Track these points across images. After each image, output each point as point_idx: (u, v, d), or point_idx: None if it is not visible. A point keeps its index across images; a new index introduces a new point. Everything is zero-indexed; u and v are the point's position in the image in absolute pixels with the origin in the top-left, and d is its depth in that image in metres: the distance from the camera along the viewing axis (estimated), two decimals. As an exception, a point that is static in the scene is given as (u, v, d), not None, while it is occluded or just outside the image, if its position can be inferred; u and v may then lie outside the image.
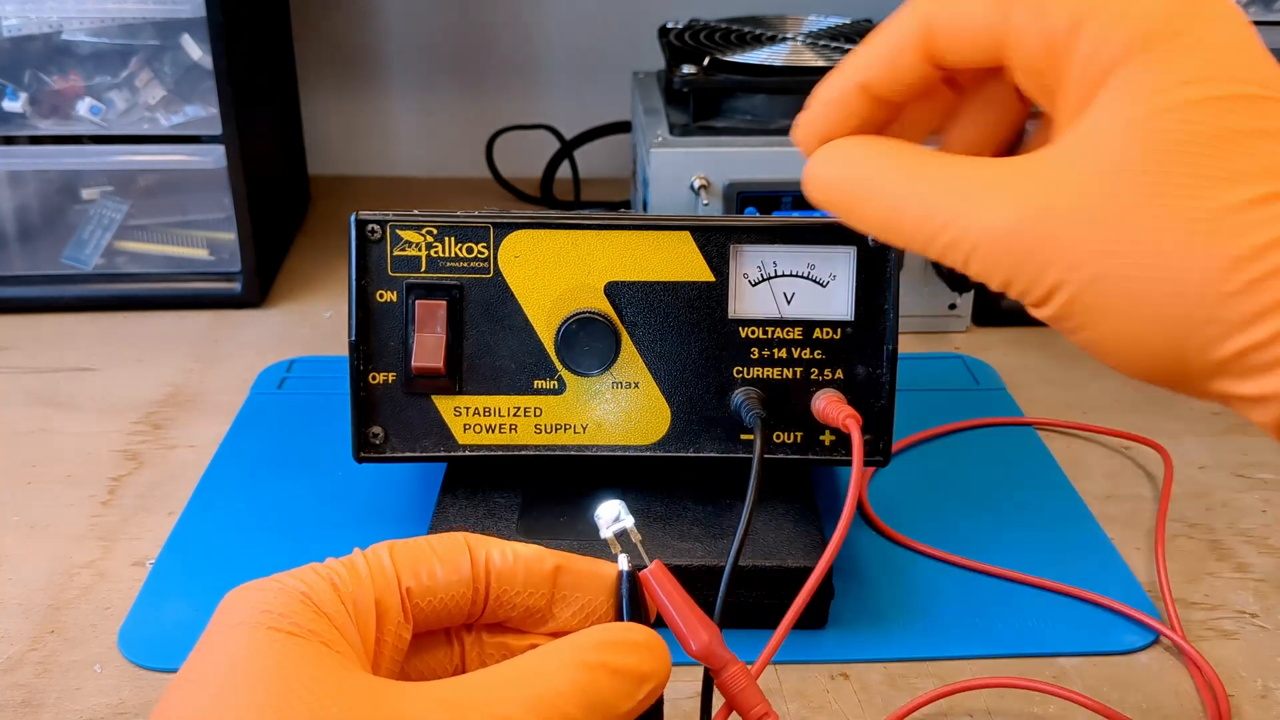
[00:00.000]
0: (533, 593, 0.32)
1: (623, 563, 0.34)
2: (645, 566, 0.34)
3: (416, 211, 0.53)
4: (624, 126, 1.01)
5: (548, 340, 0.53)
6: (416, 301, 0.52)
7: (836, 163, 0.34)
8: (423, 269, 0.53)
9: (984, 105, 0.35)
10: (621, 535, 0.35)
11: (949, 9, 0.31)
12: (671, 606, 0.34)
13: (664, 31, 0.88)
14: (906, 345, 0.79)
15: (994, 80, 0.34)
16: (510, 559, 0.32)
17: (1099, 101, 0.28)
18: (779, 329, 0.53)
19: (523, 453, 0.54)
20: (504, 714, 0.27)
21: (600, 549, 0.36)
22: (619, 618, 0.34)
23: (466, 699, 0.27)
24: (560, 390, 0.53)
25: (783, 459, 0.54)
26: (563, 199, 1.05)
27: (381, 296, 0.53)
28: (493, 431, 0.54)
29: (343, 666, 0.27)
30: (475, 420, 0.54)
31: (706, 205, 0.75)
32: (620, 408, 0.54)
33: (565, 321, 0.52)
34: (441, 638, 0.33)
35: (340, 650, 0.28)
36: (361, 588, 0.30)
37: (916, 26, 0.32)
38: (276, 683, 0.26)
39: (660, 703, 0.32)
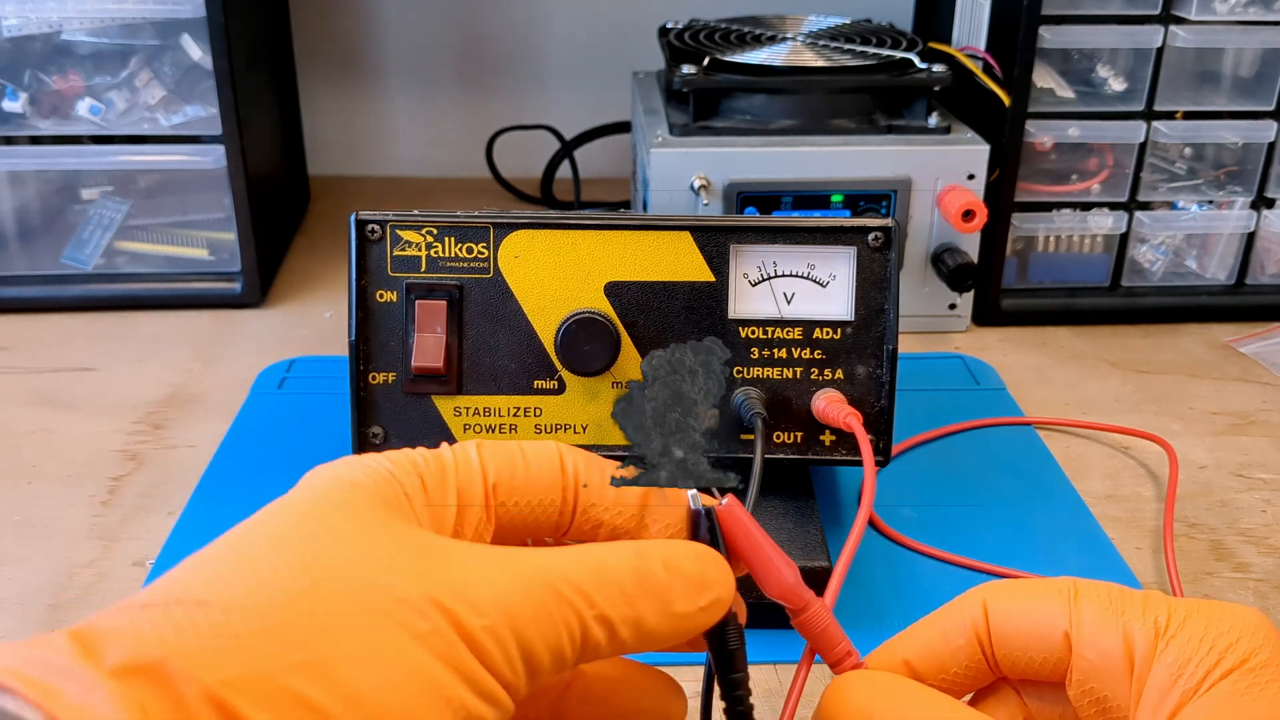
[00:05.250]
0: (621, 511, 0.31)
1: (694, 500, 0.33)
2: (716, 503, 0.33)
3: (416, 211, 0.53)
4: (624, 126, 1.01)
5: (548, 340, 0.53)
6: (416, 301, 0.52)
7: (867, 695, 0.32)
8: (423, 269, 0.53)
9: (1035, 693, 0.34)
10: None
11: (1012, 623, 0.32)
12: (753, 542, 0.32)
13: (664, 31, 0.88)
14: (906, 345, 0.79)
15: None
16: (602, 474, 0.31)
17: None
18: (779, 329, 0.53)
19: (523, 453, 0.54)
20: (560, 569, 0.26)
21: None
22: None
23: (523, 557, 0.27)
24: (560, 390, 0.53)
25: (783, 459, 0.54)
26: (563, 199, 1.05)
27: (381, 296, 0.53)
28: (493, 431, 0.54)
29: (405, 518, 0.27)
30: (475, 420, 0.54)
31: (706, 205, 0.75)
32: (620, 408, 0.54)
33: (565, 321, 0.52)
34: None
35: (410, 517, 0.27)
36: (446, 474, 0.29)
37: (971, 627, 0.32)
38: (323, 518, 0.26)
39: (733, 628, 0.31)
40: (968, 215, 0.75)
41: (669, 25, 0.89)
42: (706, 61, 0.78)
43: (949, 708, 0.31)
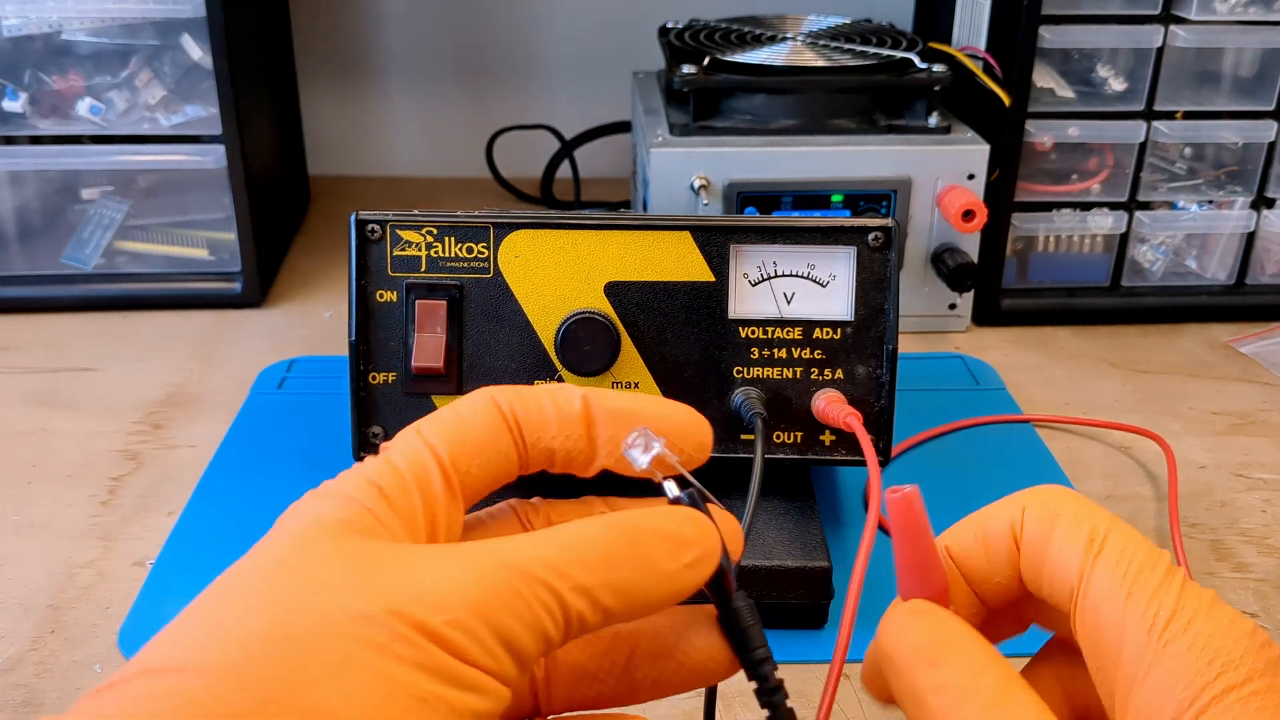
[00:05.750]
0: (569, 435, 0.31)
1: (669, 489, 0.32)
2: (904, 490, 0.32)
3: (416, 211, 0.53)
4: (624, 126, 1.01)
5: (548, 340, 0.53)
6: (416, 301, 0.52)
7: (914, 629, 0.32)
8: (423, 269, 0.53)
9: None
10: (656, 461, 0.32)
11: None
12: (926, 540, 0.32)
13: (664, 31, 0.88)
14: (906, 345, 0.79)
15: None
16: (538, 402, 0.31)
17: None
18: (779, 329, 0.53)
19: (523, 453, 0.54)
20: (528, 550, 0.27)
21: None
22: None
23: (487, 547, 0.27)
24: (560, 390, 0.53)
25: (783, 459, 0.54)
26: (563, 199, 1.05)
27: (381, 296, 0.53)
28: (493, 431, 0.54)
29: (377, 537, 0.27)
30: (475, 420, 0.54)
31: (706, 205, 0.75)
32: (620, 408, 0.54)
33: (565, 321, 0.52)
34: (515, 523, 0.33)
35: (383, 533, 0.28)
36: (402, 477, 0.29)
37: (1010, 532, 0.33)
38: (288, 561, 0.26)
39: (742, 605, 0.31)
40: (968, 215, 0.75)
41: (669, 25, 0.89)
42: (706, 61, 0.78)
43: (1000, 670, 0.30)
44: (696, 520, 0.30)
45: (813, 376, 0.53)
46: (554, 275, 0.53)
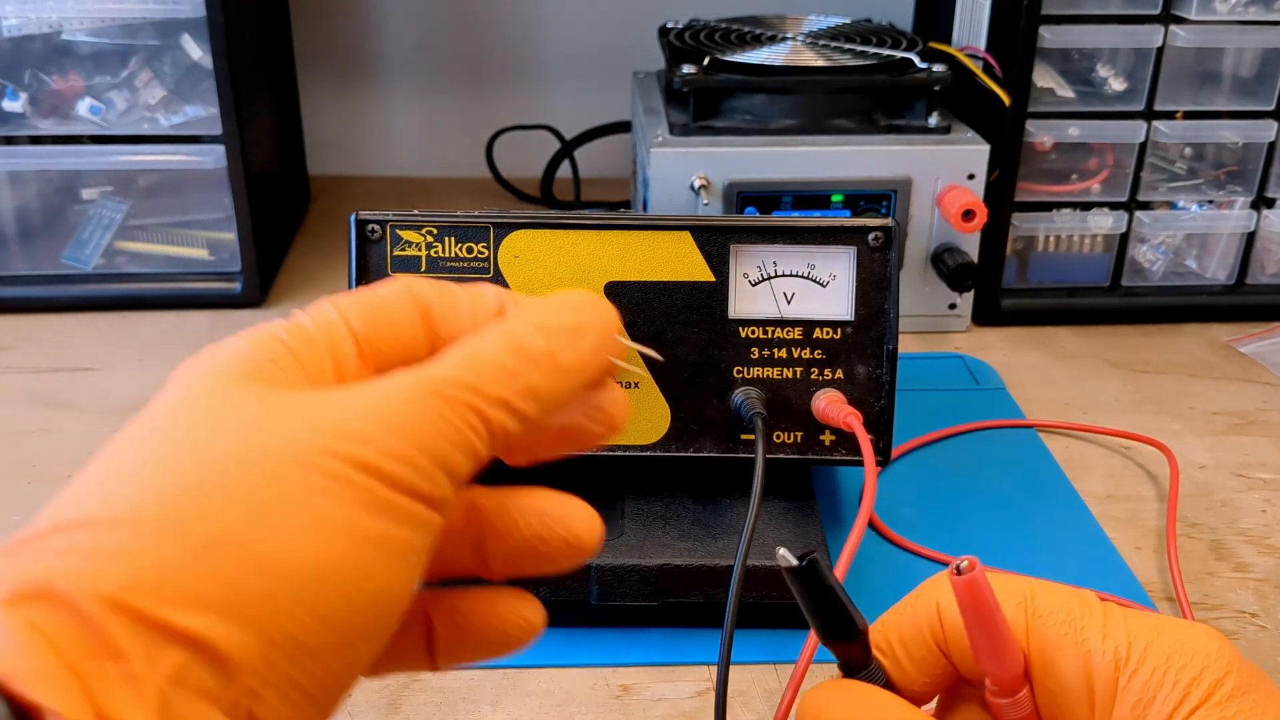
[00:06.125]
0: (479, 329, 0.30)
1: (783, 559, 0.32)
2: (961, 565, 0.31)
3: (416, 211, 0.53)
4: (624, 126, 1.01)
5: (548, 340, 0.53)
6: (416, 301, 0.52)
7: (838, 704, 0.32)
8: (423, 269, 0.53)
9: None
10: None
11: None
12: (995, 619, 0.31)
13: (664, 31, 0.88)
14: (906, 345, 0.79)
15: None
16: (453, 297, 0.30)
17: None
18: (779, 329, 0.53)
19: (523, 453, 0.54)
20: (435, 373, 0.26)
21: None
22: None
23: (398, 377, 0.26)
24: (560, 390, 0.53)
25: (783, 459, 0.54)
26: (563, 199, 1.05)
27: (381, 296, 0.53)
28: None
29: (281, 387, 0.26)
30: (475, 420, 0.54)
31: (706, 205, 0.75)
32: (620, 408, 0.54)
33: (565, 321, 0.52)
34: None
35: (286, 384, 0.26)
36: (311, 336, 0.27)
37: (929, 630, 0.33)
38: (197, 409, 0.25)
39: (824, 565, 0.32)
40: (968, 215, 0.75)
41: (669, 25, 0.89)
42: (706, 61, 0.78)
43: None
44: (585, 303, 0.29)
45: (813, 376, 0.53)
46: (554, 275, 0.53)
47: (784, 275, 0.53)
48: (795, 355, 0.53)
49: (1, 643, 0.20)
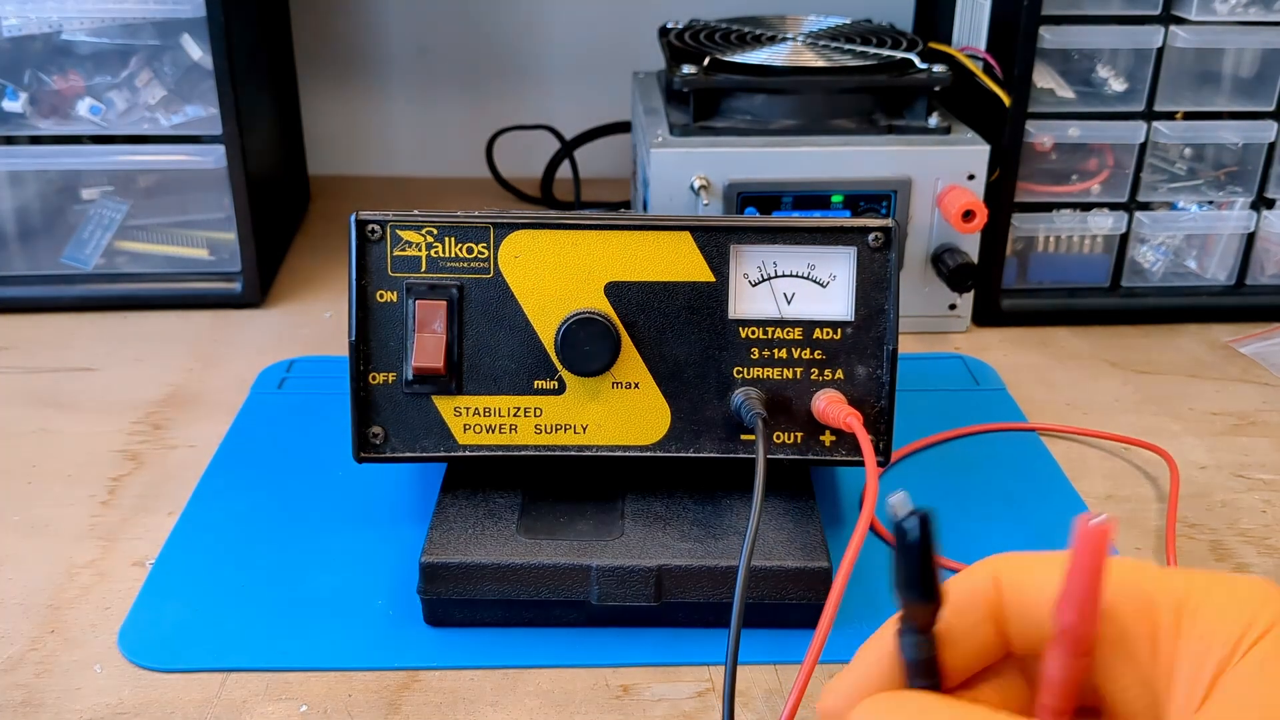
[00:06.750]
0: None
1: (893, 510, 0.33)
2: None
3: (416, 211, 0.53)
4: (624, 126, 1.01)
5: (548, 340, 0.53)
6: (416, 301, 0.52)
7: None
8: (423, 269, 0.53)
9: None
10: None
11: (1021, 594, 0.33)
12: (1099, 579, 0.31)
13: (664, 31, 0.88)
14: (906, 345, 0.79)
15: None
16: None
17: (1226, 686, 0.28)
18: (779, 329, 0.53)
19: (523, 453, 0.54)
20: None
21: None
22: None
23: None
24: (560, 390, 0.53)
25: (783, 459, 0.54)
26: (563, 199, 1.05)
27: (381, 296, 0.53)
28: (493, 432, 0.54)
29: None
30: (475, 420, 0.54)
31: (706, 205, 0.75)
32: (620, 408, 0.54)
33: (565, 321, 0.52)
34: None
35: None
36: None
37: (985, 603, 0.34)
38: None
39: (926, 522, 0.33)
40: (968, 215, 0.75)
41: (669, 25, 0.89)
42: (707, 61, 0.78)
43: None
44: None
45: (813, 377, 0.53)
46: (554, 275, 0.53)
47: (784, 275, 0.53)
48: (795, 356, 0.53)
49: None
